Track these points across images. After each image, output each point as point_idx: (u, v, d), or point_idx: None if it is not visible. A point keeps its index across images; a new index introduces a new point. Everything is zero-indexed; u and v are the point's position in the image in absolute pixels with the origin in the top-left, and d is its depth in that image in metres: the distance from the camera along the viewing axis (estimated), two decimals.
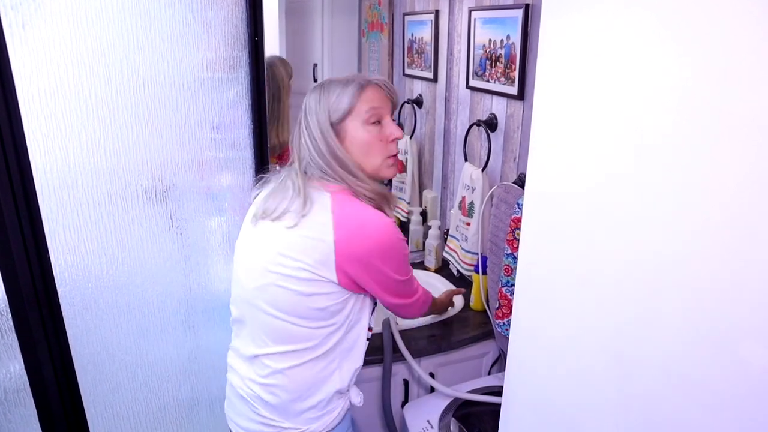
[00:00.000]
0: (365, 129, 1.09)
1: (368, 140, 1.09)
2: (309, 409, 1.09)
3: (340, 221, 1.03)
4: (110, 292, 1.32)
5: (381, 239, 1.05)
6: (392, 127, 1.12)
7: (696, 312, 0.58)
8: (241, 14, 1.29)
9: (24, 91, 1.11)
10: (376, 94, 1.10)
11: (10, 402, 1.27)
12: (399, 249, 1.09)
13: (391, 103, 1.14)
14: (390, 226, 1.07)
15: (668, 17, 0.58)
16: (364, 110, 1.08)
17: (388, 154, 1.13)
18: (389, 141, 1.12)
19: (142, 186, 1.29)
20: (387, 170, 1.15)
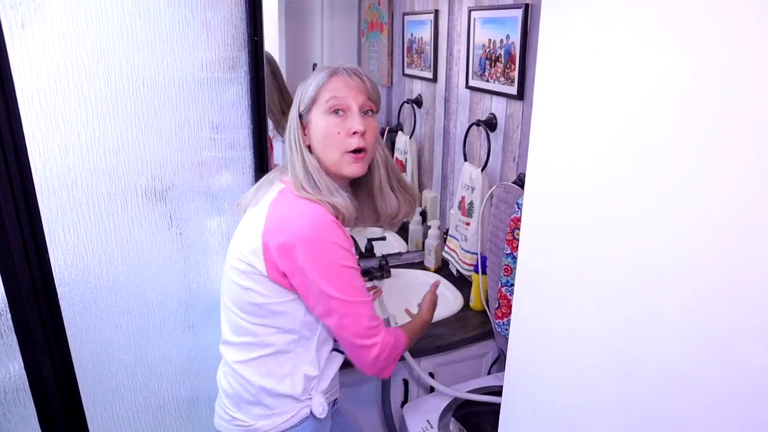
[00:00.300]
0: (325, 118, 1.01)
1: (325, 130, 1.01)
2: (256, 405, 1.07)
3: (273, 211, 0.99)
4: (110, 292, 1.32)
5: (302, 227, 0.95)
6: (354, 120, 1.01)
7: (696, 312, 0.58)
8: (240, 14, 1.29)
9: (23, 91, 1.11)
10: (342, 82, 1.01)
11: (9, 402, 1.27)
12: (325, 246, 0.95)
13: (362, 95, 1.02)
14: (316, 218, 0.96)
15: (668, 17, 0.58)
16: (326, 98, 1.01)
17: (346, 149, 1.01)
18: (349, 134, 1.01)
19: (142, 186, 1.29)
20: (347, 167, 1.03)
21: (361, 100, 1.02)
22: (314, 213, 0.96)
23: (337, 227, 0.97)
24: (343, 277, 0.96)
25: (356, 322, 0.99)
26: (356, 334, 0.99)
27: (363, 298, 0.99)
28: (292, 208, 0.98)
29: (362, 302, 0.99)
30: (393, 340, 1.04)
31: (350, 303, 0.97)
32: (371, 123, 1.04)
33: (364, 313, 1.00)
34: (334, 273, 0.96)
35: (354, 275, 0.98)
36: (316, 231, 0.95)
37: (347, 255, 0.97)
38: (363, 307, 0.99)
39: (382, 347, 1.02)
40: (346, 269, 0.97)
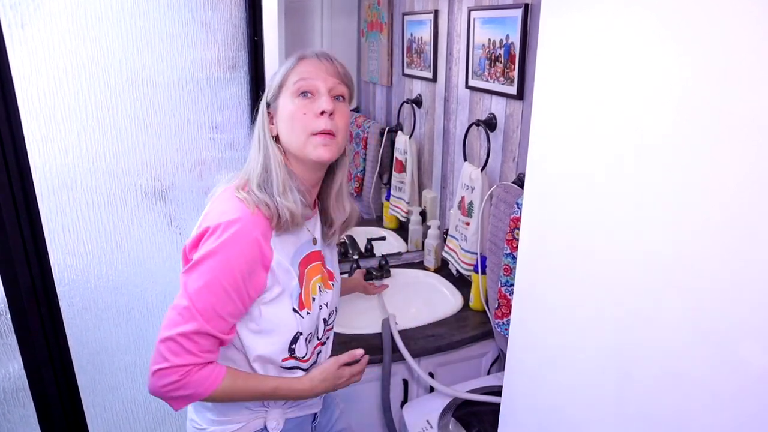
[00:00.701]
0: (291, 101, 0.94)
1: (292, 112, 0.94)
2: (210, 409, 1.01)
3: (209, 207, 0.94)
4: (109, 292, 1.32)
5: (212, 216, 0.89)
6: (323, 100, 0.93)
7: (696, 312, 0.58)
8: (240, 14, 1.29)
9: (23, 91, 1.11)
10: (311, 65, 0.96)
11: (9, 402, 1.27)
12: (217, 234, 0.87)
13: (333, 77, 0.96)
14: (228, 211, 0.88)
15: (668, 17, 0.58)
16: (293, 81, 0.95)
17: (313, 130, 0.93)
18: (316, 114, 0.93)
19: (142, 186, 1.29)
20: (313, 150, 0.94)
21: (330, 82, 0.95)
22: (224, 206, 0.90)
23: (245, 241, 0.87)
24: (203, 280, 0.86)
25: (169, 323, 0.87)
26: (163, 327, 0.88)
27: (194, 308, 0.86)
28: (221, 203, 0.92)
29: (191, 308, 0.86)
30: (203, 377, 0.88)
31: (183, 305, 0.87)
32: (342, 108, 0.97)
33: (182, 319, 0.86)
34: (206, 248, 0.87)
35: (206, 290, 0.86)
36: (216, 224, 0.87)
37: (222, 265, 0.86)
38: (186, 313, 0.86)
39: (176, 369, 0.86)
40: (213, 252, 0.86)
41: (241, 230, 0.87)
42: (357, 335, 1.50)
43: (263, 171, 0.95)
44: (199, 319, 0.86)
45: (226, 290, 0.87)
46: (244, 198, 0.91)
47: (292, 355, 0.99)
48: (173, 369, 0.86)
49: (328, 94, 0.95)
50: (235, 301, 0.89)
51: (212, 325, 0.87)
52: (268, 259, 0.91)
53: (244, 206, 0.90)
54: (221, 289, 0.87)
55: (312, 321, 1.01)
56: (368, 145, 2.19)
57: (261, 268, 0.90)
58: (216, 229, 0.87)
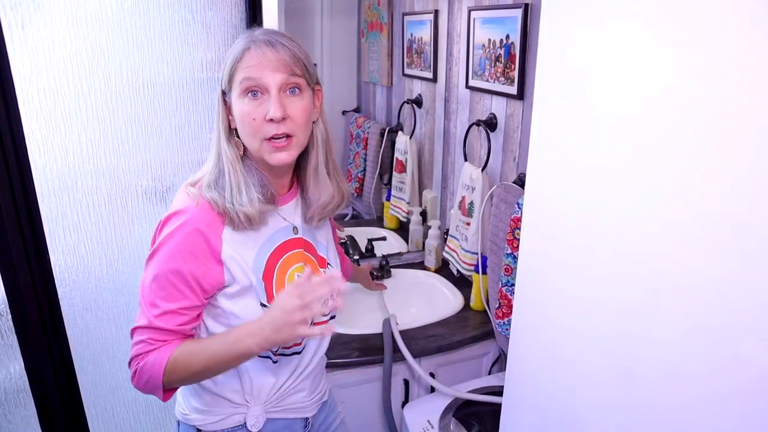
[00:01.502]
0: (240, 101, 0.86)
1: (241, 116, 0.87)
2: (192, 396, 1.00)
3: None
4: (110, 293, 1.32)
5: (174, 200, 0.91)
6: (270, 104, 0.85)
7: (696, 311, 0.58)
8: (240, 14, 1.29)
9: (23, 91, 1.11)
10: (256, 58, 0.84)
11: (10, 403, 1.27)
12: (163, 228, 0.87)
13: (282, 71, 0.85)
14: (175, 205, 0.89)
15: (668, 17, 0.58)
16: (239, 79, 0.85)
17: (265, 136, 0.86)
18: (266, 120, 0.85)
19: (142, 186, 1.29)
20: (269, 156, 0.88)
21: (280, 78, 0.85)
22: (176, 205, 0.89)
23: (186, 232, 0.85)
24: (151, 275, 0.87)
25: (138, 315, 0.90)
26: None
27: (145, 303, 0.87)
28: (174, 200, 0.92)
29: (142, 303, 0.88)
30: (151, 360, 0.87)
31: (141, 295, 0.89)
32: (297, 103, 0.87)
33: (139, 310, 0.89)
34: (151, 266, 0.87)
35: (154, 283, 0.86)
36: (165, 223, 0.88)
37: (166, 257, 0.85)
38: (142, 308, 0.88)
39: (134, 360, 0.89)
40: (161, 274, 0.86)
41: (183, 222, 0.85)
42: (358, 335, 1.50)
43: (214, 169, 0.90)
44: (149, 315, 0.86)
45: (173, 283, 0.85)
46: (190, 192, 0.89)
47: (276, 351, 0.96)
48: (133, 360, 0.89)
49: (279, 92, 0.85)
50: (187, 294, 0.86)
51: (164, 321, 0.86)
52: (217, 251, 0.87)
53: (189, 199, 0.88)
54: (168, 282, 0.85)
55: None
56: (368, 145, 2.19)
57: (212, 261, 0.87)
58: (163, 224, 0.88)
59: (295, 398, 1.03)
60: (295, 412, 1.04)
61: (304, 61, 0.88)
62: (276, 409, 1.01)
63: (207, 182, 0.89)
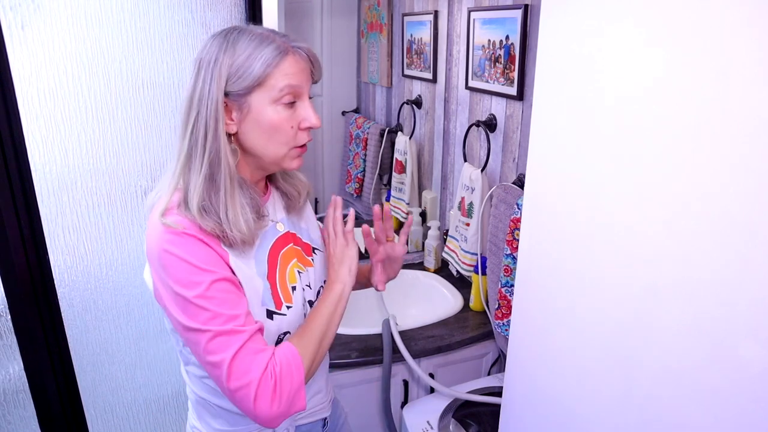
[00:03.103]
0: (275, 109, 0.81)
1: (277, 123, 0.82)
2: (212, 417, 0.94)
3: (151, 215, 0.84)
4: (110, 293, 1.32)
5: (149, 239, 0.80)
6: (309, 112, 0.84)
7: (696, 312, 0.58)
8: (240, 15, 1.29)
9: (23, 92, 1.11)
10: (296, 66, 0.82)
11: (9, 403, 1.27)
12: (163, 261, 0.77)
13: (311, 80, 0.86)
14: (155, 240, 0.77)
15: (668, 18, 0.58)
16: (280, 86, 0.80)
17: (296, 144, 0.85)
18: (301, 128, 0.84)
19: (142, 187, 1.29)
20: (290, 162, 0.86)
21: (309, 86, 0.85)
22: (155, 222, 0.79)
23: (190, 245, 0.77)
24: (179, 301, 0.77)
25: (196, 352, 0.79)
26: (202, 363, 0.79)
27: (200, 326, 0.76)
28: (149, 239, 0.80)
29: (198, 330, 0.76)
30: (274, 374, 0.78)
31: (188, 329, 0.77)
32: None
33: (201, 342, 0.77)
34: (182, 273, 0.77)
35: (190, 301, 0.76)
36: (157, 243, 0.77)
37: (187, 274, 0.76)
38: (199, 335, 0.76)
39: (243, 381, 0.76)
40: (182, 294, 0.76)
41: (181, 244, 0.76)
42: (357, 335, 1.50)
43: (207, 183, 0.80)
44: (241, 329, 0.77)
45: (224, 292, 0.78)
46: (171, 224, 0.77)
47: None
48: (255, 383, 0.76)
49: (308, 101, 0.85)
50: (239, 293, 0.80)
51: (249, 322, 0.79)
52: (226, 258, 0.80)
53: (170, 232, 0.77)
54: (220, 295, 0.77)
55: (297, 314, 0.90)
56: (368, 146, 2.20)
57: (226, 266, 0.80)
58: (158, 263, 0.77)
59: (316, 400, 1.01)
60: (316, 414, 1.03)
61: (321, 68, 0.88)
62: (303, 415, 0.99)
63: (197, 205, 0.79)
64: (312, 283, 0.97)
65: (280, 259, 0.91)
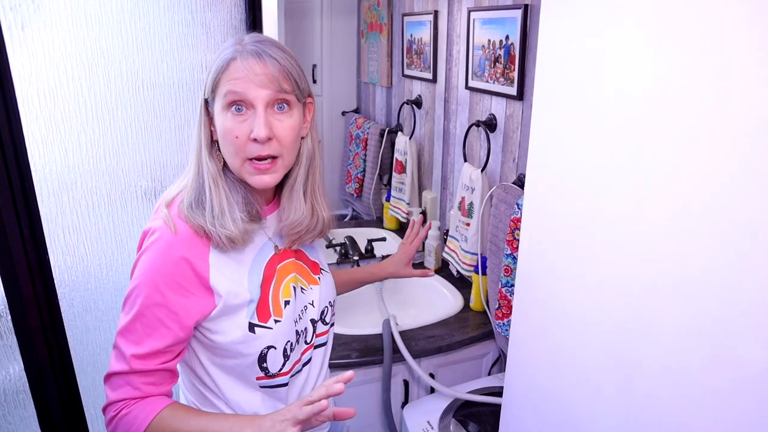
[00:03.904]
0: (223, 115, 0.79)
1: (223, 132, 0.79)
2: None
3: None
4: (110, 294, 1.32)
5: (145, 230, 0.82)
6: (256, 122, 0.77)
7: (695, 312, 0.58)
8: (240, 15, 1.29)
9: (23, 92, 1.11)
10: (242, 71, 0.77)
11: (9, 404, 1.27)
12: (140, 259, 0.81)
13: (270, 87, 0.77)
14: (150, 230, 0.80)
15: (668, 18, 0.58)
16: (224, 92, 0.78)
17: (248, 156, 0.79)
18: (249, 138, 0.78)
19: (142, 187, 1.29)
20: (250, 177, 0.81)
21: (266, 94, 0.77)
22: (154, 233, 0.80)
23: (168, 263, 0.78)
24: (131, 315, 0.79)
25: (111, 360, 0.81)
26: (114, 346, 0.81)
27: (124, 344, 0.79)
28: (151, 221, 0.83)
29: (121, 344, 0.79)
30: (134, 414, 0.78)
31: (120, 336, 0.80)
32: (285, 121, 0.80)
33: (114, 353, 0.80)
34: (130, 305, 0.80)
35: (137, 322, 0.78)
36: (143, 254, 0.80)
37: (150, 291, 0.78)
38: (119, 350, 0.79)
39: (113, 406, 0.79)
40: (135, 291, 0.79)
41: (165, 250, 0.78)
42: (357, 336, 1.50)
43: (195, 184, 0.82)
44: (129, 359, 0.78)
45: (160, 320, 0.78)
46: (165, 217, 0.80)
47: (267, 374, 0.86)
48: (110, 407, 0.80)
49: (266, 108, 0.78)
50: (175, 331, 0.79)
51: (147, 362, 0.78)
52: (206, 278, 0.79)
53: (164, 226, 0.79)
54: (155, 319, 0.78)
55: (284, 330, 0.86)
56: (368, 146, 2.20)
57: (201, 289, 0.80)
58: (142, 252, 0.80)
59: None
60: (317, 430, 1.01)
61: (295, 74, 0.80)
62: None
63: (188, 201, 0.81)
64: (316, 301, 0.95)
65: (277, 272, 0.89)
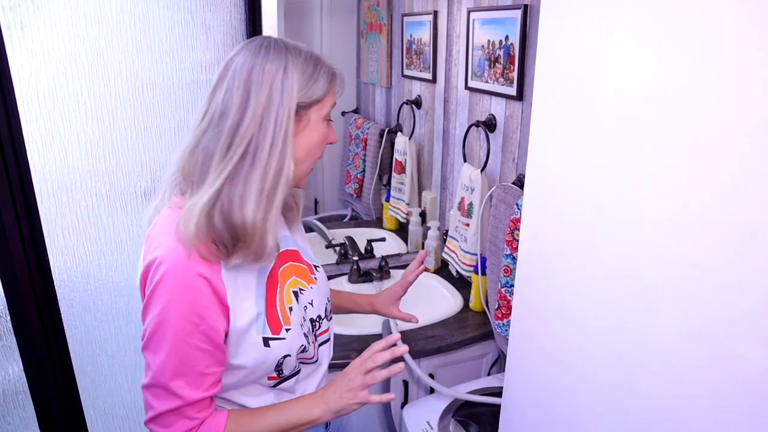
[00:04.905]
0: (324, 125, 0.85)
1: (322, 139, 0.85)
2: None
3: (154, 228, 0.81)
4: (109, 294, 1.32)
5: (147, 263, 0.76)
6: (333, 130, 0.89)
7: (696, 312, 0.58)
8: (240, 15, 1.29)
9: (23, 92, 1.11)
10: (340, 88, 0.88)
11: (9, 404, 1.27)
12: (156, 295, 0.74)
13: None
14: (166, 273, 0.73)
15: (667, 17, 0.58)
16: (330, 104, 0.85)
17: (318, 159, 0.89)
18: (327, 143, 0.88)
19: (141, 187, 1.29)
20: (305, 180, 0.90)
21: None
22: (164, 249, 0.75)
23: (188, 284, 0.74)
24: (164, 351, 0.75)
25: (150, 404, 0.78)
26: (147, 408, 0.79)
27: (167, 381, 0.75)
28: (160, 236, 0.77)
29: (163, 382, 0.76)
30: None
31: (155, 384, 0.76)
32: None
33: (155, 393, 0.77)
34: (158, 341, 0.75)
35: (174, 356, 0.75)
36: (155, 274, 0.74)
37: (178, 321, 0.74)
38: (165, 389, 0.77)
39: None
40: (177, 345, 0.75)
41: (180, 280, 0.74)
42: (357, 336, 1.50)
43: (261, 194, 0.77)
44: (179, 393, 0.76)
45: (195, 346, 0.75)
46: (182, 239, 0.74)
47: (280, 375, 0.88)
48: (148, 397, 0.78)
49: None
50: (212, 352, 0.77)
51: (195, 389, 0.77)
52: (223, 295, 0.77)
53: (172, 252, 0.74)
54: (189, 347, 0.75)
55: (297, 335, 0.87)
56: (368, 146, 2.19)
57: (218, 307, 0.77)
58: (152, 287, 0.74)
59: None
60: None
61: None
62: None
63: (243, 217, 0.76)
64: (315, 300, 0.95)
65: (280, 277, 0.89)
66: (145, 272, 0.76)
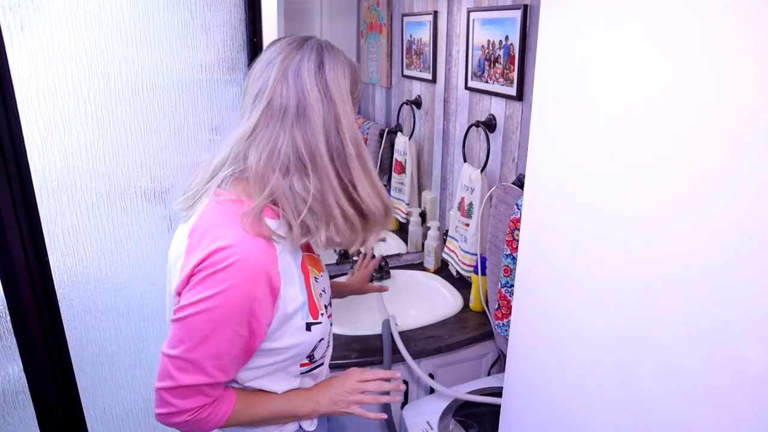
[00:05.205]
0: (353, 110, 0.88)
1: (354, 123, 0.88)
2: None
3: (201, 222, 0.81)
4: (109, 294, 1.32)
5: (211, 251, 0.75)
6: None
7: (695, 312, 0.58)
8: (239, 15, 1.29)
9: (23, 92, 1.11)
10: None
11: (8, 404, 1.27)
12: (217, 278, 0.74)
13: None
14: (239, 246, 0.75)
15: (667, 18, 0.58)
16: (359, 89, 0.89)
17: None
18: None
19: (141, 188, 1.29)
20: None
21: None
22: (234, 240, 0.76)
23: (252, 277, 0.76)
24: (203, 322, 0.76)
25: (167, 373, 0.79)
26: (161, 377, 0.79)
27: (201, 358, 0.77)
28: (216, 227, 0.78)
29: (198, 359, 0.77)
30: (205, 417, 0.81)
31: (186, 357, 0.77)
32: None
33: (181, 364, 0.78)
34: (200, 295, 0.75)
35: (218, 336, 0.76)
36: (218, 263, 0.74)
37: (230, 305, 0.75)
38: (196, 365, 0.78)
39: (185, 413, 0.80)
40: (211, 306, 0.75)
41: (246, 278, 0.75)
42: (357, 336, 1.50)
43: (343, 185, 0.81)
44: (210, 371, 0.78)
45: (237, 332, 0.77)
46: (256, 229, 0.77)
47: (312, 360, 0.91)
48: (179, 413, 0.80)
49: None
50: (250, 340, 0.80)
51: (225, 372, 0.80)
52: (277, 289, 0.79)
53: (241, 242, 0.76)
54: (233, 332, 0.77)
55: (326, 319, 0.92)
56: (368, 146, 2.19)
57: (270, 299, 0.79)
58: (210, 273, 0.75)
59: None
60: None
61: None
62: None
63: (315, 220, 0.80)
64: (327, 287, 0.99)
65: (308, 265, 0.92)
66: (204, 259, 0.75)
